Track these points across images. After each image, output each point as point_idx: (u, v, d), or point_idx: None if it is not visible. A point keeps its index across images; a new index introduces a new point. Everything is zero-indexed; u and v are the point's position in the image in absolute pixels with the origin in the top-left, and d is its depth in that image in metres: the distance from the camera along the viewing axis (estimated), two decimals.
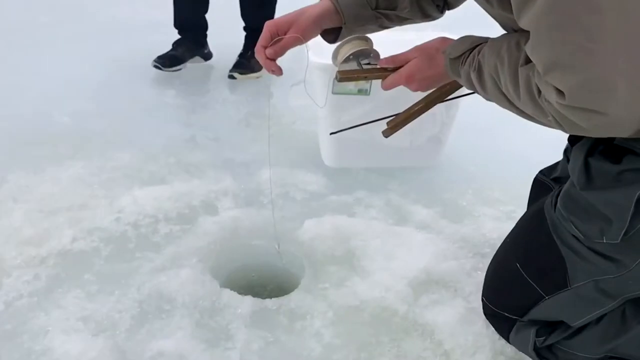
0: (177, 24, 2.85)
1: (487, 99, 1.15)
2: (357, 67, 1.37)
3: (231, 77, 2.80)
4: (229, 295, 1.41)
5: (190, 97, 2.64)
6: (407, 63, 1.28)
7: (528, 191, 1.65)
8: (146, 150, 2.13)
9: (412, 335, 1.32)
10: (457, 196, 1.89)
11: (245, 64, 2.84)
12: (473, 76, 1.12)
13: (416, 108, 1.44)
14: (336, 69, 1.41)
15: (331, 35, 1.37)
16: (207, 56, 2.94)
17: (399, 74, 1.29)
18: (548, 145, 2.11)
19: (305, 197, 1.86)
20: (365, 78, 1.37)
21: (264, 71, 2.90)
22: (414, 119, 1.47)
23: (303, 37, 1.31)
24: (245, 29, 2.92)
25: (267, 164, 2.00)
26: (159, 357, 1.24)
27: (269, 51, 1.31)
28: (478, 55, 1.11)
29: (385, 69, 1.33)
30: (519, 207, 1.80)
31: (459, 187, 1.94)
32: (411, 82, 1.28)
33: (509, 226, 1.69)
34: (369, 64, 1.39)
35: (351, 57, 1.36)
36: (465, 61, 1.14)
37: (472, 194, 1.90)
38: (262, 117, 2.44)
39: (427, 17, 1.40)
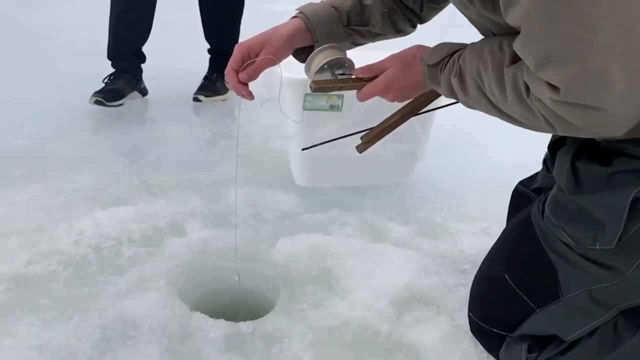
0: (113, 54, 2.65)
1: (469, 106, 1.12)
2: (332, 77, 1.32)
3: (196, 99, 2.72)
4: (200, 318, 1.32)
5: (154, 119, 2.55)
6: (383, 72, 1.24)
7: (502, 207, 1.64)
8: (108, 172, 2.03)
9: (396, 356, 1.25)
10: (432, 213, 1.85)
11: (211, 86, 2.77)
12: (454, 82, 1.08)
13: (391, 121, 1.39)
14: (309, 80, 1.36)
15: (303, 54, 1.33)
16: (144, 91, 2.76)
17: (375, 83, 1.24)
18: (521, 163, 2.13)
19: (277, 217, 1.79)
20: (341, 88, 1.32)
21: (230, 93, 2.84)
22: (388, 132, 1.42)
23: (276, 58, 1.27)
24: (209, 51, 2.86)
25: (234, 183, 1.95)
26: None
27: (242, 75, 1.26)
28: (458, 60, 1.07)
29: (360, 79, 1.28)
30: (495, 224, 1.77)
31: (433, 204, 1.90)
32: (388, 92, 1.24)
33: (486, 242, 1.67)
34: (343, 74, 1.34)
35: (325, 66, 1.30)
36: (445, 67, 1.11)
37: (447, 211, 1.86)
38: (230, 137, 2.38)
39: (399, 32, 1.38)
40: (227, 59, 2.84)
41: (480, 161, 2.21)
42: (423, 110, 1.39)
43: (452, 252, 1.60)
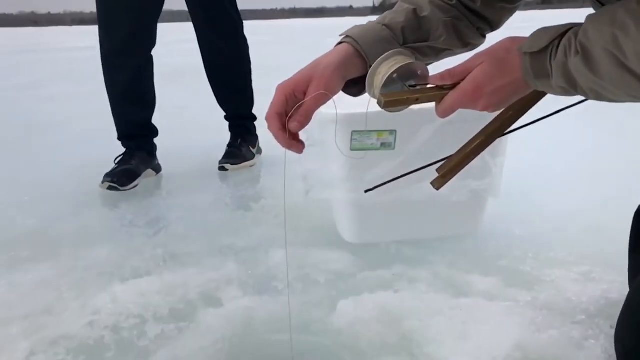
0: (122, 133, 2.45)
1: (597, 96, 0.82)
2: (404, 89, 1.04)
3: (222, 169, 2.48)
4: None
5: (175, 190, 2.30)
6: (468, 74, 0.96)
7: (599, 249, 1.53)
8: (127, 244, 1.76)
9: None
10: (516, 262, 1.53)
11: (236, 152, 2.55)
12: (575, 64, 0.80)
13: (473, 145, 1.08)
14: (371, 98, 1.08)
15: (354, 87, 1.07)
16: (158, 168, 2.51)
17: (462, 89, 0.95)
18: (600, 204, 1.86)
19: (330, 279, 1.48)
20: (417, 100, 1.02)
21: (257, 158, 2.61)
22: (471, 160, 1.11)
23: (329, 92, 1.00)
24: (226, 118, 2.66)
25: (275, 247, 1.66)
26: None
27: (293, 125, 0.97)
28: (576, 38, 0.81)
29: (441, 87, 1.00)
30: (596, 267, 1.46)
31: (514, 252, 1.59)
32: (478, 98, 0.94)
33: (594, 288, 1.35)
34: (415, 85, 1.05)
35: (395, 76, 1.01)
36: (556, 50, 0.84)
37: (533, 258, 1.54)
38: (263, 199, 2.11)
39: (467, 45, 1.12)
40: (247, 122, 2.68)
41: (555, 206, 1.92)
42: (513, 128, 1.11)
43: (558, 303, 1.27)
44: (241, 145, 2.58)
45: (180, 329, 1.26)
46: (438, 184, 1.11)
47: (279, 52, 7.60)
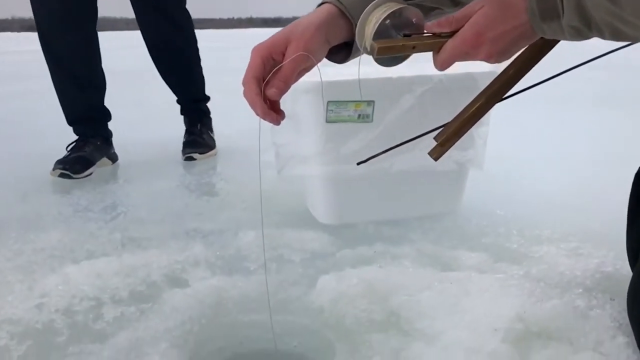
0: (72, 117, 2.26)
1: (616, 34, 0.74)
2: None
3: (189, 158, 2.31)
4: None
5: (135, 177, 2.15)
6: (468, 20, 0.86)
7: (587, 227, 1.48)
8: (81, 228, 1.61)
9: None
10: (500, 240, 1.45)
11: (200, 141, 2.40)
12: None
13: (472, 110, 0.98)
14: (363, 45, 0.97)
15: (338, 54, 0.97)
16: (114, 157, 2.34)
17: (461, 36, 0.85)
18: (577, 186, 1.83)
19: (306, 257, 1.37)
20: (414, 49, 0.91)
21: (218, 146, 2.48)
22: (470, 126, 1.01)
23: (310, 53, 0.89)
24: (180, 102, 2.49)
25: (244, 229, 1.54)
26: None
27: (271, 92, 0.86)
28: None
29: (438, 35, 0.90)
30: (584, 243, 1.40)
31: (497, 230, 1.51)
32: (480, 45, 0.83)
33: (588, 262, 1.28)
34: (410, 35, 0.94)
35: (388, 22, 0.91)
36: None
37: (517, 235, 1.47)
38: (227, 185, 1.99)
39: (457, 4, 1.04)
40: (202, 104, 2.50)
41: (533, 187, 1.87)
42: (515, 91, 1.02)
43: (552, 277, 1.20)
44: (202, 131, 2.45)
45: (142, 311, 1.13)
46: (436, 153, 1.01)
47: (232, 55, 7.46)
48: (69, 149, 2.24)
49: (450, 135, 0.99)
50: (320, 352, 1.07)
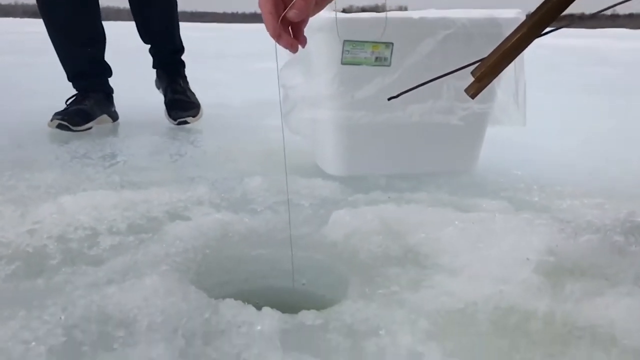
0: (72, 72, 2.17)
1: None
2: None
3: (183, 122, 2.18)
4: (236, 307, 0.79)
5: (135, 132, 2.06)
6: None
7: (608, 185, 1.42)
8: (78, 172, 1.53)
9: (577, 345, 0.73)
10: (521, 194, 1.38)
11: (187, 100, 2.23)
12: None
13: (513, 40, 0.90)
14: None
15: None
16: (115, 116, 2.25)
17: None
18: (584, 146, 1.77)
19: (315, 203, 1.29)
20: None
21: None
22: (511, 60, 0.93)
23: None
24: (156, 54, 2.31)
25: (251, 176, 1.46)
26: None
27: (291, 13, 0.80)
28: None
29: None
30: (608, 199, 1.32)
31: (516, 186, 1.44)
32: None
33: (616, 212, 1.20)
34: None
35: None
36: None
37: (538, 191, 1.40)
38: (233, 144, 1.91)
39: None
40: (179, 55, 2.26)
41: (552, 153, 1.80)
42: (558, 26, 0.94)
43: (580, 224, 1.12)
44: (184, 88, 2.29)
45: (141, 240, 1.05)
46: (473, 89, 0.94)
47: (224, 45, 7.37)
48: (68, 102, 2.15)
49: (488, 69, 0.91)
50: (331, 289, 0.99)
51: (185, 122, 2.18)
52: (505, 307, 0.80)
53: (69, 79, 2.20)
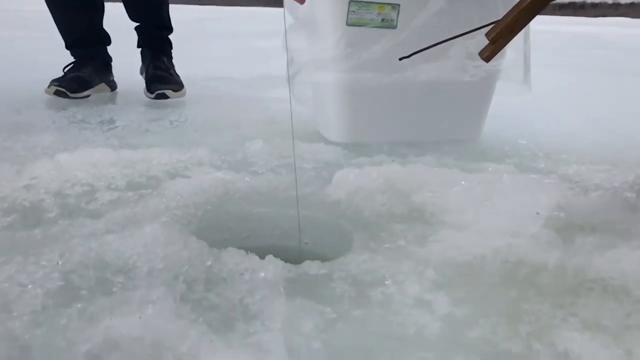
0: (71, 40, 2.10)
1: None
2: None
3: (162, 96, 2.00)
4: (238, 256, 0.77)
5: (134, 101, 2.03)
6: None
7: (616, 155, 1.37)
8: (76, 135, 1.50)
9: (588, 296, 0.71)
10: (526, 161, 1.36)
11: (169, 77, 2.08)
12: None
13: (528, 0, 0.87)
14: None
15: None
16: (113, 85, 2.21)
17: None
18: (592, 125, 1.75)
19: (318, 166, 1.27)
20: None
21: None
22: (527, 21, 0.90)
23: None
24: (141, 30, 2.18)
25: (252, 140, 1.43)
26: (109, 348, 0.56)
27: None
28: None
29: None
30: (615, 165, 1.30)
31: (522, 153, 1.42)
32: None
33: (625, 176, 1.18)
34: None
35: None
36: None
37: (544, 158, 1.38)
38: (232, 110, 1.88)
39: None
40: (166, 33, 2.13)
41: (557, 124, 1.78)
42: None
43: (588, 187, 1.10)
44: (168, 65, 2.15)
45: (140, 195, 1.03)
46: (488, 52, 0.91)
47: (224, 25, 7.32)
48: (66, 70, 2.12)
49: (503, 31, 0.88)
50: (335, 248, 0.97)
51: (164, 96, 2.01)
52: (514, 260, 0.78)
53: (67, 47, 2.16)
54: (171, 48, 2.21)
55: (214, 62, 3.21)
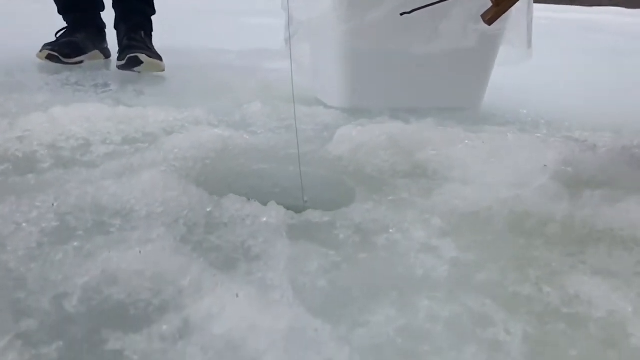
0: (63, 4, 1.98)
1: None
2: None
3: (134, 60, 1.77)
4: (240, 202, 0.75)
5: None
6: None
7: (615, 126, 1.30)
8: (70, 97, 1.46)
9: (597, 246, 0.70)
10: (528, 127, 1.34)
11: (143, 46, 1.86)
12: None
13: None
14: None
15: None
16: (107, 53, 2.07)
17: None
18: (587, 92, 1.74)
19: (317, 128, 1.25)
20: None
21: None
22: None
23: None
24: (115, 5, 2.01)
25: (250, 102, 1.40)
26: (107, 281, 0.54)
27: None
28: None
29: None
30: (620, 131, 1.28)
31: (525, 120, 1.40)
32: None
33: (632, 141, 1.16)
34: None
35: None
36: None
37: (546, 125, 1.36)
38: (229, 77, 1.84)
39: None
40: (148, 8, 1.98)
41: (558, 97, 1.76)
42: None
43: (594, 143, 1.08)
44: (146, 40, 1.92)
45: (137, 149, 1.00)
46: (490, 14, 0.89)
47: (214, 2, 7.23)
48: (58, 35, 2.06)
49: None
50: (336, 204, 0.95)
51: (137, 61, 1.77)
52: (521, 211, 0.76)
53: (59, 12, 2.10)
54: (151, 29, 2.01)
55: (208, 36, 3.15)
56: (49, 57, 1.90)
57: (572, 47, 3.59)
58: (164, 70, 1.83)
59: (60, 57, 1.90)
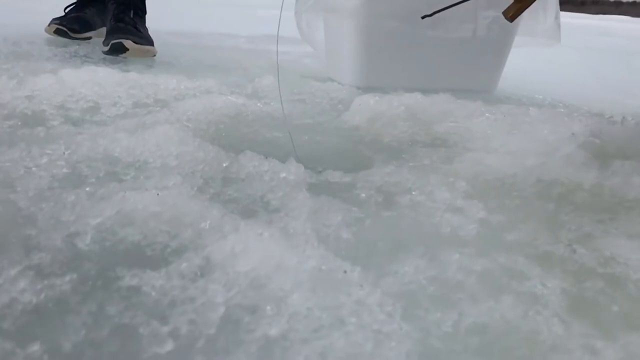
0: None
1: None
2: None
3: (117, 47, 1.61)
4: (257, 159, 0.72)
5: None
6: None
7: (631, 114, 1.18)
8: (79, 66, 1.43)
9: (629, 214, 0.67)
10: (547, 109, 1.30)
11: (132, 30, 1.70)
12: None
13: None
14: None
15: None
16: None
17: None
18: (601, 83, 1.70)
19: (332, 102, 1.22)
20: None
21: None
22: None
23: None
24: None
25: (263, 75, 1.37)
26: (122, 222, 0.51)
27: None
28: None
29: None
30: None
31: (542, 104, 1.37)
32: None
33: None
34: None
35: None
36: None
37: (564, 108, 1.32)
38: (240, 56, 1.81)
39: None
40: None
41: (571, 85, 1.73)
42: None
43: (624, 116, 1.05)
44: (135, 21, 1.76)
45: (149, 111, 0.97)
46: (512, 11, 0.86)
47: None
48: (67, 10, 2.03)
49: None
50: (349, 174, 0.92)
51: (121, 47, 1.61)
52: (548, 179, 0.74)
53: None
54: (144, 9, 1.86)
55: (217, 22, 3.13)
56: (57, 32, 1.87)
57: (583, 47, 3.56)
58: (154, 55, 1.69)
59: (69, 32, 1.87)
